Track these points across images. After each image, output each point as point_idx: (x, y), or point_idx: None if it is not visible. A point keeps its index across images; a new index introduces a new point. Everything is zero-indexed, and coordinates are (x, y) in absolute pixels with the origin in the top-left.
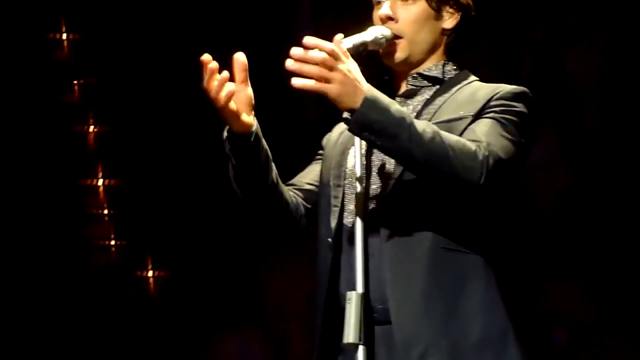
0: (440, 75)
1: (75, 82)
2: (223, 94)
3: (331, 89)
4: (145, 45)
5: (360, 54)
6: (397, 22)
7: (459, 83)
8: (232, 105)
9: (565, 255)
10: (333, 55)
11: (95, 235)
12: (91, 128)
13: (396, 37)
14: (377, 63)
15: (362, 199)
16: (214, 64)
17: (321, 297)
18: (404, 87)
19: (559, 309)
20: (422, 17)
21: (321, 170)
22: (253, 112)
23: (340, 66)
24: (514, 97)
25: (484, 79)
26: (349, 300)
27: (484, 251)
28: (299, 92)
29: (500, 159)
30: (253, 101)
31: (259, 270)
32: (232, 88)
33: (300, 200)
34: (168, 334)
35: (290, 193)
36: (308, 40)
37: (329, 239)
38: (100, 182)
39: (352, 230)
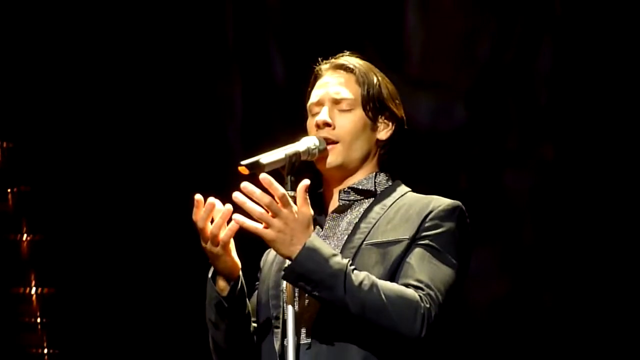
0: (372, 188)
1: (9, 190)
2: (213, 226)
3: (268, 234)
4: (77, 153)
5: (293, 164)
6: (334, 128)
7: (392, 196)
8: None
9: None
10: (281, 200)
11: (28, 343)
12: (24, 236)
13: (332, 142)
14: (312, 175)
15: (294, 318)
16: (199, 197)
17: None
18: (335, 203)
19: None
20: (358, 125)
21: (259, 291)
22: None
23: (284, 214)
24: (447, 215)
25: (421, 192)
26: None
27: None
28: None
29: (442, 305)
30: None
31: None
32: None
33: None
34: None
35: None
36: (264, 177)
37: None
38: (33, 290)
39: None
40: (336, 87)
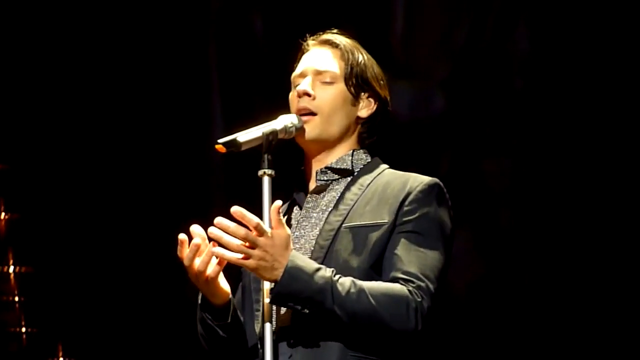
0: (349, 167)
1: None
2: (199, 264)
3: (249, 264)
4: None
5: (270, 142)
6: (313, 99)
7: (369, 175)
8: (209, 270)
9: (474, 344)
10: (257, 230)
11: (6, 321)
12: (2, 215)
13: (310, 113)
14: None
15: (270, 307)
16: (183, 237)
17: None
18: (313, 183)
19: None
20: (339, 99)
21: (243, 278)
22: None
23: (261, 242)
24: (426, 196)
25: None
26: None
27: (394, 355)
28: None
29: (434, 294)
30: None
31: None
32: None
33: None
34: None
35: None
36: (235, 210)
37: (256, 343)
38: (11, 269)
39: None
40: (320, 59)
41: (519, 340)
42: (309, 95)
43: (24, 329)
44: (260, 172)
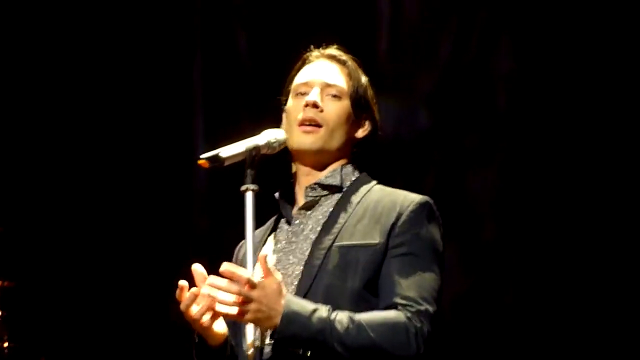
0: (338, 183)
1: None
2: (196, 312)
3: (247, 318)
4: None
5: (253, 158)
6: (321, 111)
7: (359, 191)
8: (205, 318)
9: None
10: (248, 284)
11: None
12: None
13: (317, 125)
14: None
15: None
16: (184, 283)
17: None
18: (302, 199)
19: None
20: (344, 115)
21: None
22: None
23: (255, 296)
24: (417, 216)
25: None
26: None
27: None
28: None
29: (434, 315)
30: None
31: None
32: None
33: None
34: None
35: None
36: (225, 269)
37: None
38: None
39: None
40: (328, 73)
41: (503, 354)
42: (317, 106)
43: (6, 344)
44: (243, 188)
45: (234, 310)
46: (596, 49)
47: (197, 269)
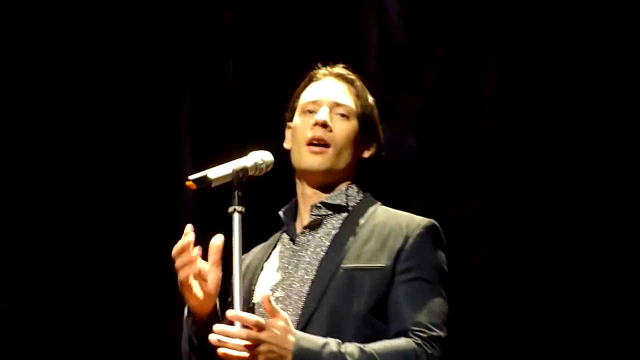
0: (344, 203)
1: None
2: (186, 272)
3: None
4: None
5: (240, 179)
6: (330, 131)
7: (363, 213)
8: (195, 285)
9: None
10: (257, 327)
11: None
12: None
13: (325, 145)
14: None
15: None
16: (190, 237)
17: None
18: (307, 218)
19: None
20: (352, 135)
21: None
22: (217, 296)
23: (264, 337)
24: (424, 240)
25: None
26: None
27: None
28: None
29: (444, 339)
30: (219, 285)
31: None
32: (199, 267)
33: None
34: None
35: None
36: (232, 315)
37: None
38: None
39: None
40: (337, 92)
41: None
42: (326, 126)
43: None
44: (230, 209)
45: (245, 354)
46: (582, 73)
47: (216, 240)
